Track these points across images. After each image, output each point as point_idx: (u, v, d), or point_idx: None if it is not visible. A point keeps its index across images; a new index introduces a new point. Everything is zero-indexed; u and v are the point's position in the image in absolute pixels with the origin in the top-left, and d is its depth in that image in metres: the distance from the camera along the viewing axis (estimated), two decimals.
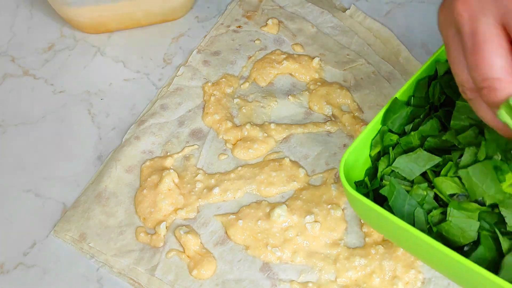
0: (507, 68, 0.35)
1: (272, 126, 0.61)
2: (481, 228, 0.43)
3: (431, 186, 0.46)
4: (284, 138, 0.60)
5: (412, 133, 0.49)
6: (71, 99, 0.64)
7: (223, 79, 0.64)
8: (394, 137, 0.49)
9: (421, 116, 0.50)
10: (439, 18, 0.40)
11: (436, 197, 0.46)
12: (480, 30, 0.35)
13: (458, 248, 0.43)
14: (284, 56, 0.66)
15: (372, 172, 0.50)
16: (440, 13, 0.40)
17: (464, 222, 0.43)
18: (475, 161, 0.43)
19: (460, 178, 0.44)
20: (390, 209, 0.45)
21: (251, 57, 0.67)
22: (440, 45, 0.69)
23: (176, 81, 0.65)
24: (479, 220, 0.43)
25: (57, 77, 0.66)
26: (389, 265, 0.53)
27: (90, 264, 0.54)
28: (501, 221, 0.43)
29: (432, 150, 0.47)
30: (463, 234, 0.43)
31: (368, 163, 0.50)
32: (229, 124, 0.61)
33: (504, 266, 0.41)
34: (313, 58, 0.66)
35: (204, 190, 0.56)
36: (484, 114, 0.39)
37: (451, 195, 0.45)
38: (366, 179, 0.49)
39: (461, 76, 0.39)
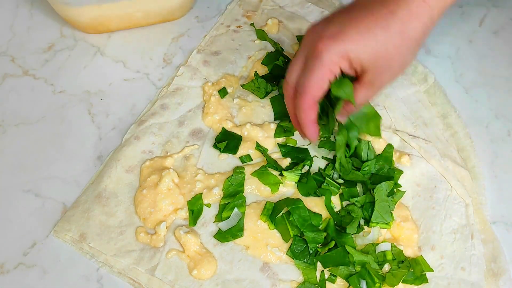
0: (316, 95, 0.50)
1: (272, 126, 0.61)
2: None
3: None
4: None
5: None
6: (71, 99, 0.64)
7: (223, 79, 0.64)
8: None
9: None
10: (307, 34, 0.50)
11: None
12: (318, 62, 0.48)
13: None
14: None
15: None
16: (309, 31, 0.50)
17: None
18: None
19: None
20: None
21: (251, 57, 0.67)
22: (439, 44, 0.69)
23: (176, 81, 0.65)
24: None
25: (57, 77, 0.66)
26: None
27: (90, 264, 0.54)
28: None
29: None
30: None
31: None
32: (229, 124, 0.61)
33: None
34: None
35: (204, 190, 0.56)
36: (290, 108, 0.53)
37: None
38: None
39: (290, 77, 0.51)
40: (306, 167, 0.58)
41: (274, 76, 0.64)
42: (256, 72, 0.63)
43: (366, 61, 0.47)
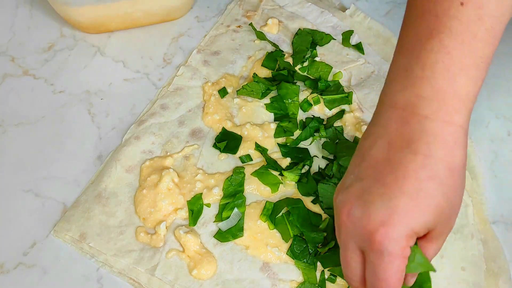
0: None
1: (272, 126, 0.61)
2: None
3: None
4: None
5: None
6: (71, 99, 0.64)
7: (223, 79, 0.64)
8: None
9: None
10: (343, 222, 0.40)
11: None
12: (391, 255, 0.38)
13: None
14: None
15: None
16: (345, 218, 0.40)
17: None
18: None
19: None
20: None
21: (251, 57, 0.67)
22: None
23: (176, 81, 0.65)
24: None
25: (57, 77, 0.66)
26: None
27: (90, 264, 0.54)
28: None
29: None
30: None
31: None
32: (229, 124, 0.61)
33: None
34: None
35: (204, 190, 0.56)
36: None
37: None
38: None
39: (353, 276, 0.41)
40: (306, 167, 0.58)
41: (274, 76, 0.64)
42: (255, 73, 0.63)
43: (431, 222, 0.38)
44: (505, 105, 0.64)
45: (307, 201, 0.55)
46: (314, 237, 0.53)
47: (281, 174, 0.57)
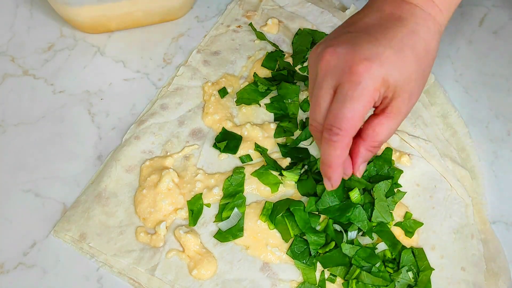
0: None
1: (272, 126, 0.61)
2: None
3: None
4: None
5: None
6: (71, 99, 0.64)
7: (223, 79, 0.64)
8: None
9: None
10: (325, 60, 0.43)
11: None
12: (366, 89, 0.41)
13: None
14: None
15: None
16: (328, 57, 0.43)
17: None
18: None
19: None
20: None
21: (251, 57, 0.67)
22: (439, 44, 0.69)
23: (176, 81, 0.65)
24: None
25: (57, 77, 0.66)
26: None
27: (90, 264, 0.54)
28: None
29: None
30: None
31: None
32: (229, 124, 0.61)
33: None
34: None
35: (204, 190, 0.56)
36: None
37: None
38: None
39: (317, 115, 0.44)
40: (306, 167, 0.58)
41: (274, 76, 0.64)
42: (255, 73, 0.63)
43: (401, 85, 0.42)
44: (505, 105, 0.64)
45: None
46: (316, 240, 0.53)
47: (281, 174, 0.57)
